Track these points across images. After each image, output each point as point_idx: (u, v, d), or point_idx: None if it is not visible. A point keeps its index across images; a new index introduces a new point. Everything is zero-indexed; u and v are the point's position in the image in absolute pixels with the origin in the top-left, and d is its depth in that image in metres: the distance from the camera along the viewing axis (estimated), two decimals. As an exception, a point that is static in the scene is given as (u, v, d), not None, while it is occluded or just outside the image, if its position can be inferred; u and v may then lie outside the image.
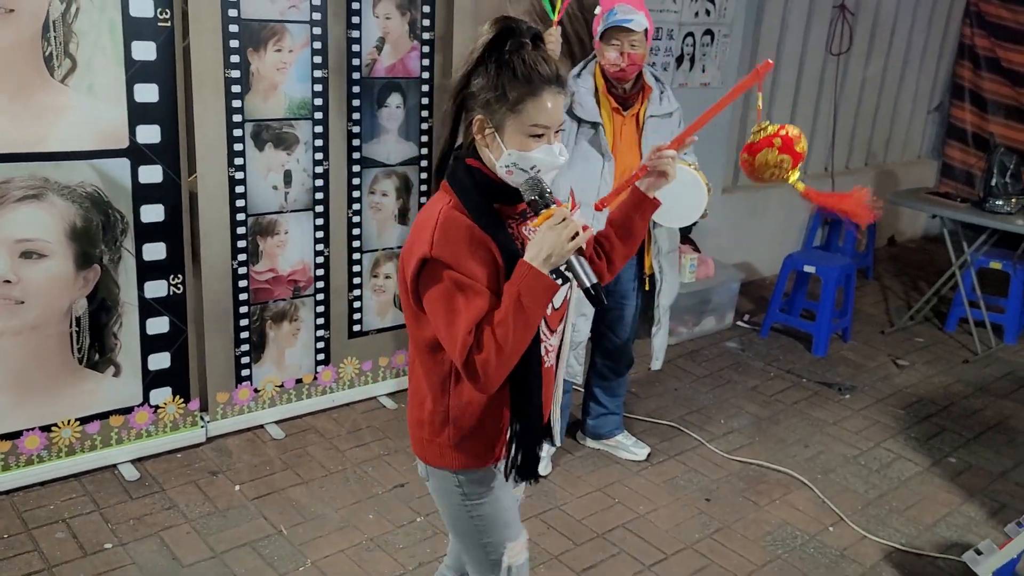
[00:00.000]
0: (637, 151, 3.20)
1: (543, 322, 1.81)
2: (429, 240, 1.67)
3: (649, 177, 1.95)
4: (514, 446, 1.84)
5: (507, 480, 1.89)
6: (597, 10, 3.12)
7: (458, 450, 1.87)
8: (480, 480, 1.90)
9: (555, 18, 3.19)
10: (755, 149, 2.21)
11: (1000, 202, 4.91)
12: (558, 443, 2.05)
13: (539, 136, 1.71)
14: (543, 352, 1.84)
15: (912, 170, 7.02)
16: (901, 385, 4.57)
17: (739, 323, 5.23)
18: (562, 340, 1.94)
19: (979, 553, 1.79)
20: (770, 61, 2.07)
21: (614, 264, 2.03)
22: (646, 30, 3.07)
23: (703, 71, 5.01)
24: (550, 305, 1.79)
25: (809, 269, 4.96)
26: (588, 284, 1.65)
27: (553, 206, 1.68)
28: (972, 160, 6.86)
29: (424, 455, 1.93)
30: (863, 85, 6.46)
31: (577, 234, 1.64)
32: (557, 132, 1.74)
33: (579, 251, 1.67)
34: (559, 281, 1.73)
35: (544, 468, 3.49)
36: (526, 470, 1.86)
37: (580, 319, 3.27)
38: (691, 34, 4.88)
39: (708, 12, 4.90)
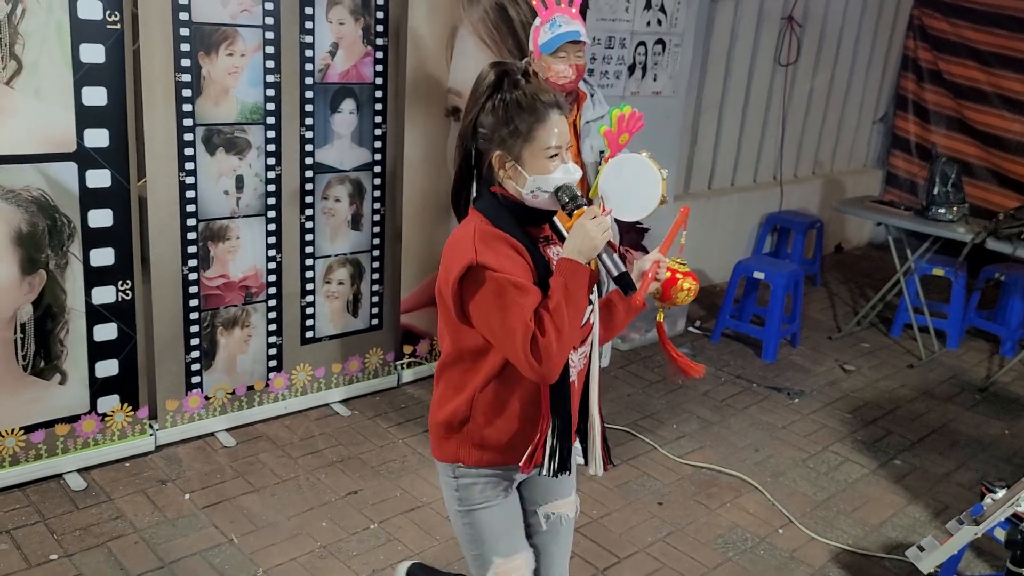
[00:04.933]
0: (576, 157, 3.25)
1: None
2: (472, 250, 1.84)
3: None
4: (553, 440, 1.94)
5: (547, 474, 1.96)
6: (536, 21, 3.14)
7: (471, 449, 1.99)
8: (478, 487, 2.02)
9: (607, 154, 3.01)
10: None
11: (942, 210, 5.03)
12: (593, 471, 2.10)
13: (554, 157, 1.89)
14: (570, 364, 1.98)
15: (858, 179, 7.17)
16: (848, 389, 4.66)
17: (691, 329, 5.30)
18: (588, 365, 2.05)
19: (922, 549, 1.84)
20: (688, 207, 2.22)
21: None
22: None
23: (655, 80, 5.07)
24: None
25: (759, 276, 5.04)
26: (617, 272, 1.89)
27: (584, 206, 1.89)
28: (915, 169, 7.03)
29: (441, 454, 2.06)
30: (810, 95, 6.59)
31: (607, 228, 1.86)
32: (568, 148, 1.93)
33: (608, 245, 1.88)
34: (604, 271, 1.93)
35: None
36: (563, 465, 1.96)
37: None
38: (643, 43, 4.94)
39: (660, 22, 4.97)
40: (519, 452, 1.97)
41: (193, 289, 3.47)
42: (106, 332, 3.28)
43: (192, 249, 3.43)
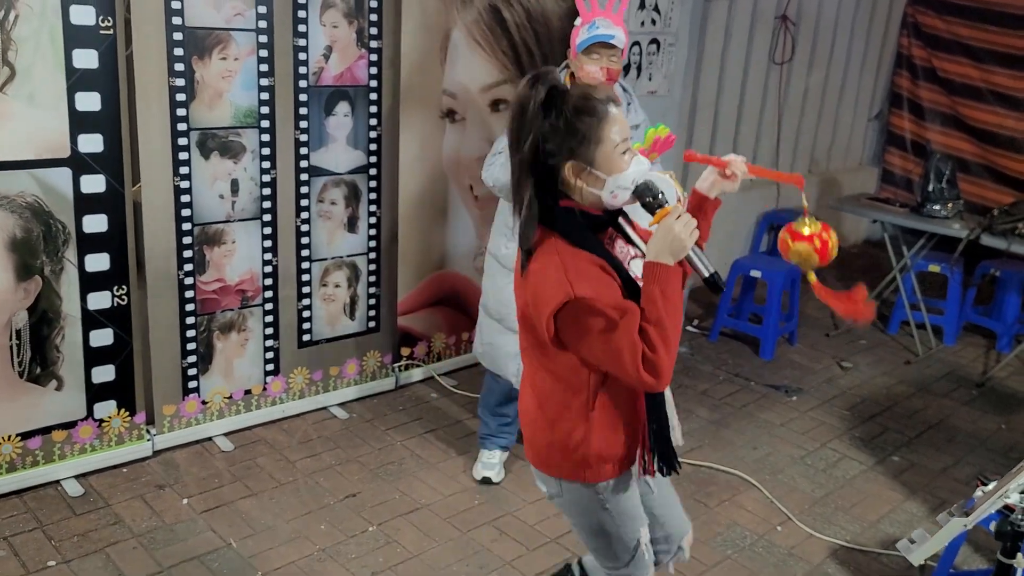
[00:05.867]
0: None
1: None
2: (566, 284, 1.82)
3: (722, 178, 2.11)
4: (653, 444, 2.02)
5: (654, 475, 2.05)
6: (577, 21, 3.14)
7: (598, 464, 2.01)
8: (616, 487, 2.06)
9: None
10: (797, 237, 2.33)
11: (937, 207, 5.04)
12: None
13: (625, 152, 1.89)
14: None
15: (854, 176, 7.17)
16: (846, 386, 4.66)
17: (689, 328, 5.30)
18: None
19: (912, 542, 1.85)
20: (802, 178, 2.26)
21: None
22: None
23: (650, 79, 5.08)
24: None
25: (756, 274, 5.04)
26: (708, 273, 1.86)
27: (667, 204, 1.86)
28: (911, 166, 7.03)
29: (565, 473, 2.06)
30: (806, 94, 6.60)
31: (695, 226, 1.84)
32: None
33: (695, 244, 1.86)
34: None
35: (497, 475, 3.49)
36: (668, 462, 2.04)
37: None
38: (637, 43, 4.94)
39: (654, 22, 4.97)
40: (633, 453, 2.04)
41: (189, 293, 3.47)
42: (102, 337, 3.28)
43: (188, 253, 3.43)
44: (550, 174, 1.89)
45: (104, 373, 3.32)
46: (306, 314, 3.85)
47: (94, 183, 3.13)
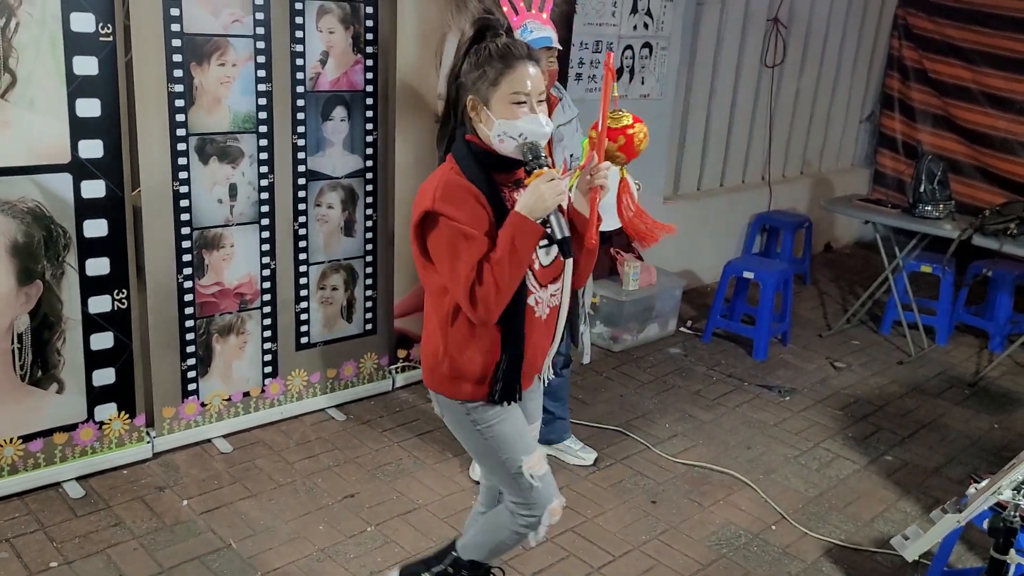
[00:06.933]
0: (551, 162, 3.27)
1: (532, 275, 2.13)
2: (431, 197, 2.01)
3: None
4: (499, 373, 2.13)
5: (497, 402, 2.17)
6: None
7: (456, 381, 2.17)
8: (486, 409, 2.19)
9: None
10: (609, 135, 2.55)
11: (929, 208, 5.08)
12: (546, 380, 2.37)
13: (521, 103, 2.01)
14: (533, 303, 2.16)
15: (846, 178, 7.22)
16: (839, 386, 4.70)
17: (682, 329, 5.34)
18: (560, 301, 2.23)
19: (906, 539, 1.89)
20: (610, 52, 2.46)
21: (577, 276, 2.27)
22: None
23: (642, 83, 5.12)
24: (538, 261, 2.13)
25: (748, 275, 5.09)
26: (559, 237, 2.00)
27: (545, 168, 2.01)
28: (902, 167, 7.08)
29: (433, 385, 2.24)
30: (797, 96, 6.65)
31: (561, 192, 1.98)
32: (541, 102, 2.05)
33: (558, 208, 1.99)
34: (547, 231, 2.03)
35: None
36: (508, 394, 2.16)
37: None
38: (630, 47, 4.98)
39: (646, 26, 5.02)
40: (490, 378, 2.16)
41: (188, 297, 3.50)
42: (102, 341, 3.30)
43: (187, 257, 3.46)
44: (457, 103, 2.09)
45: (104, 376, 3.34)
46: (304, 317, 3.88)
47: (94, 188, 3.16)
